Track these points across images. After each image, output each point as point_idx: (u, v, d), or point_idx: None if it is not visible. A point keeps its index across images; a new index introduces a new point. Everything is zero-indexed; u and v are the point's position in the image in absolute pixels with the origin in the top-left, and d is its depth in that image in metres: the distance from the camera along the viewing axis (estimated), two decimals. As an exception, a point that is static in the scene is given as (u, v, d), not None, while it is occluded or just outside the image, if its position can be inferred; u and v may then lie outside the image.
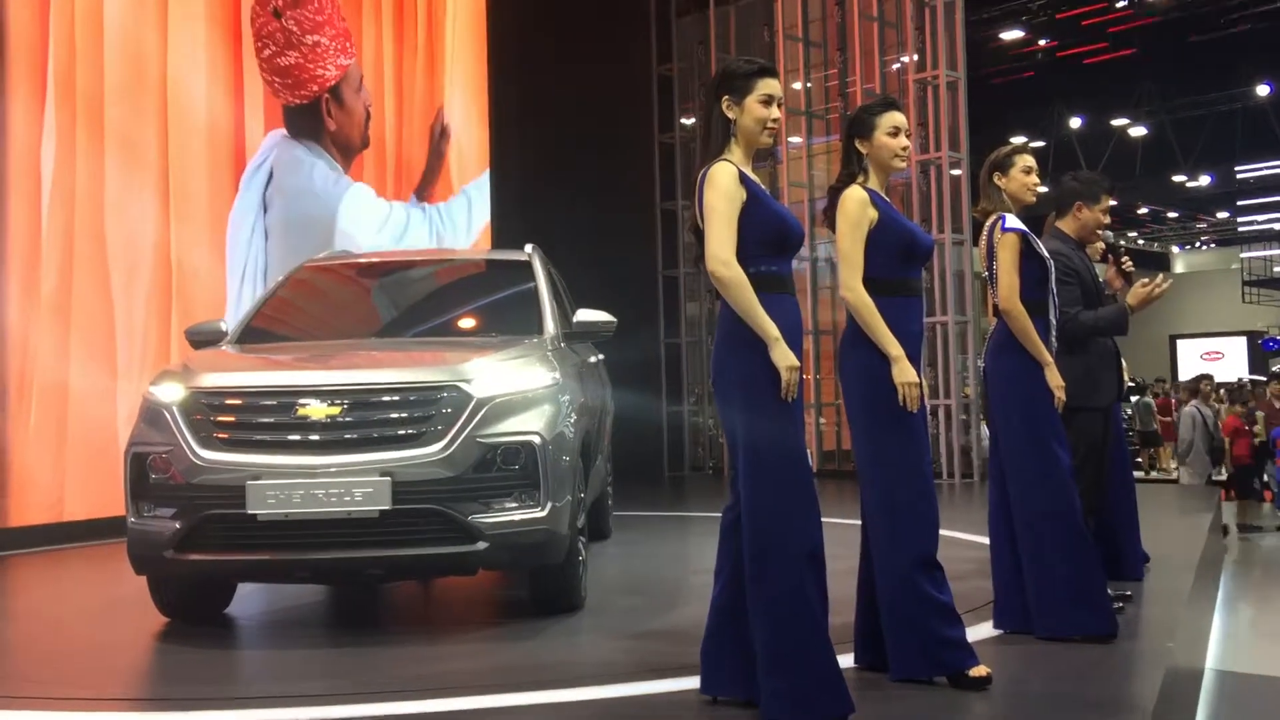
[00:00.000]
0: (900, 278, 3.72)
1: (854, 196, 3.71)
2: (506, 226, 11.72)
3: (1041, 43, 20.74)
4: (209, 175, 9.21)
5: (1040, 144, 23.05)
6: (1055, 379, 4.31)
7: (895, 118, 3.77)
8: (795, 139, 12.90)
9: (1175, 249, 37.44)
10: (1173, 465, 17.65)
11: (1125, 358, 5.52)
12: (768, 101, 3.37)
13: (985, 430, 5.73)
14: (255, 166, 9.49)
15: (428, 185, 11.14)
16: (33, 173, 8.10)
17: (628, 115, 13.36)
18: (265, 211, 9.53)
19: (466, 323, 5.94)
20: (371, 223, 10.37)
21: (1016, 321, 4.31)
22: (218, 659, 4.53)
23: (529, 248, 6.35)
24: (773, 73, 3.41)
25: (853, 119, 3.86)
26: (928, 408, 3.87)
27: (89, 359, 8.28)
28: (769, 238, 3.33)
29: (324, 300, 6.19)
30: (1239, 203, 30.21)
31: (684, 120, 13.52)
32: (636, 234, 13.44)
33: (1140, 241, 35.93)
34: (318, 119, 9.99)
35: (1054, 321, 4.42)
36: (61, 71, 8.27)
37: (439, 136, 11.29)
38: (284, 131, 9.74)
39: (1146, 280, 4.80)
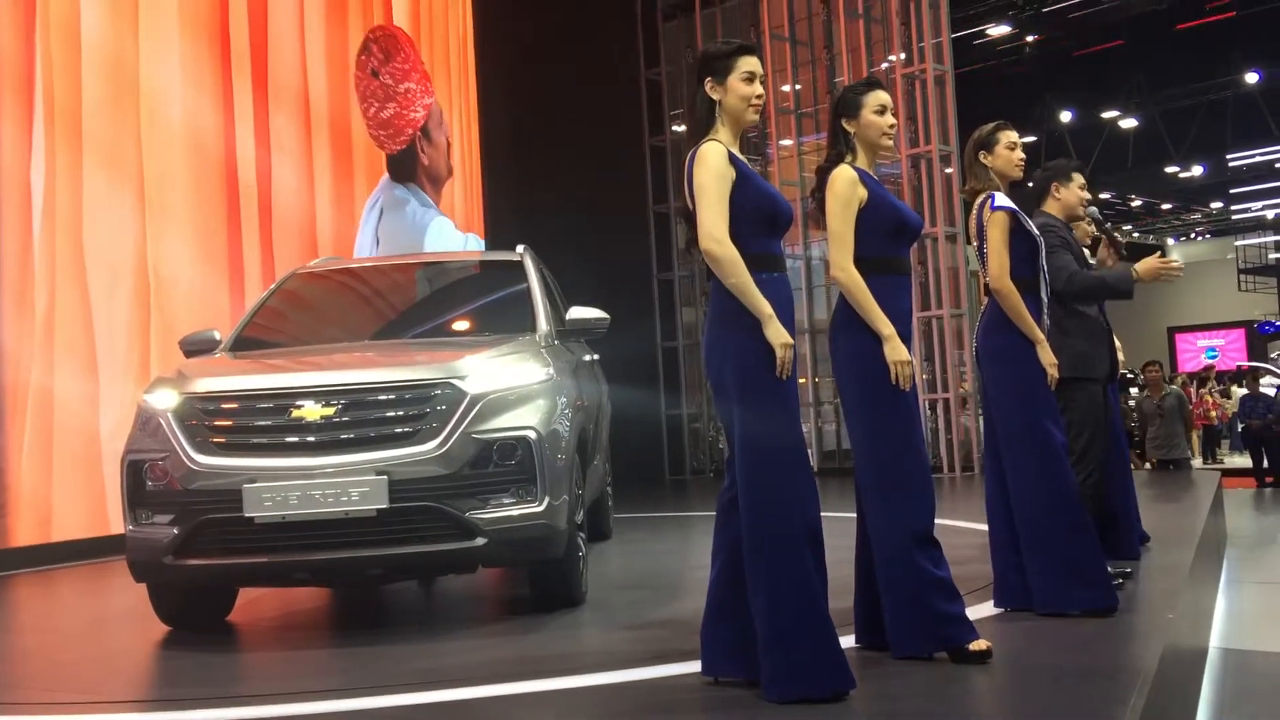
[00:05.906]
0: (890, 256, 3.72)
1: (843, 176, 3.70)
2: (499, 232, 11.75)
3: (1029, 38, 20.78)
4: (195, 187, 9.23)
5: (1031, 139, 23.02)
6: (1048, 357, 4.31)
7: (880, 96, 3.77)
8: (786, 141, 12.93)
9: (1170, 241, 37.42)
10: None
11: (1124, 351, 5.54)
12: (750, 78, 3.37)
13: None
14: (370, 206, 10.53)
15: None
16: (23, 191, 8.12)
17: (617, 120, 13.39)
18: (378, 245, 10.59)
19: (460, 324, 5.94)
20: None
21: (1008, 300, 4.31)
22: (222, 661, 4.52)
23: (520, 248, 6.37)
24: (752, 50, 3.41)
25: (838, 100, 3.87)
26: (921, 387, 3.87)
27: (76, 376, 8.27)
28: (759, 216, 3.33)
29: (316, 306, 6.19)
30: (1232, 191, 30.21)
31: (675, 128, 13.55)
32: (630, 238, 13.47)
33: (1135, 234, 35.93)
34: (413, 158, 10.93)
35: (1045, 299, 4.41)
36: (49, 89, 8.29)
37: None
38: (388, 175, 10.87)
39: (1163, 255, 4.85)
